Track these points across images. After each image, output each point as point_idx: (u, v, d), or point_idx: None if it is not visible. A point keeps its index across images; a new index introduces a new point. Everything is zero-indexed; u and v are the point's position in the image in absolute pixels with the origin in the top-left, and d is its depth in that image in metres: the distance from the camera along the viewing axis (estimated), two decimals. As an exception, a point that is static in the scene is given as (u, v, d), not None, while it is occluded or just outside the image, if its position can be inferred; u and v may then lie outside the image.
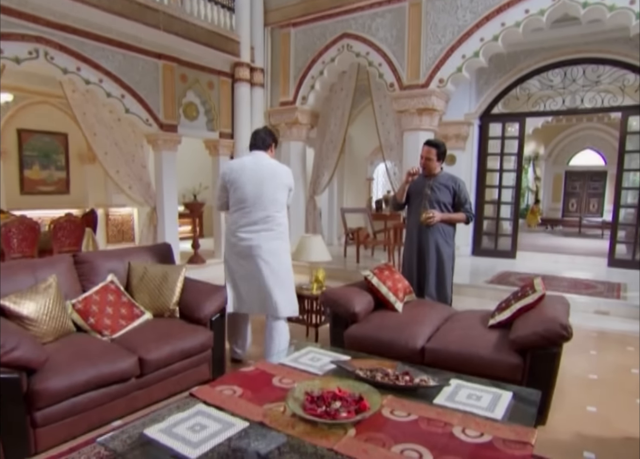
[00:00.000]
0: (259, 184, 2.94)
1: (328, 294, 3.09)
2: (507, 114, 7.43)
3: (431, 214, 3.44)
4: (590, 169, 14.77)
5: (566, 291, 5.21)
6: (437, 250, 3.53)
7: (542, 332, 2.39)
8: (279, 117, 6.91)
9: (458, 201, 3.54)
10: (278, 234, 3.05)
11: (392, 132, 6.61)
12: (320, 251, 3.66)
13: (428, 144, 3.58)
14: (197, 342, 2.88)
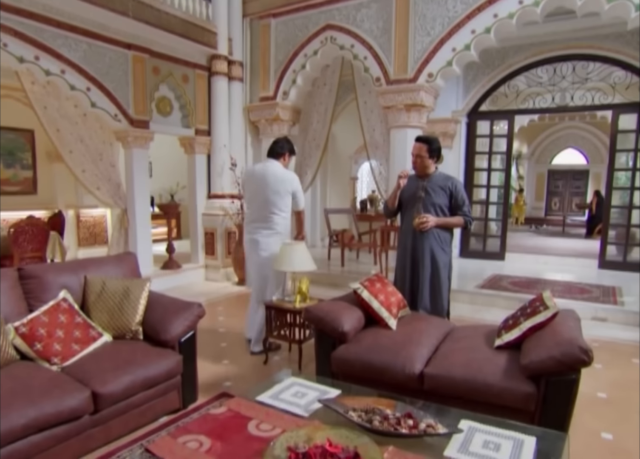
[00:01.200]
0: (261, 188, 3.42)
1: (312, 310, 2.73)
2: (495, 111, 7.20)
3: (424, 219, 3.12)
4: (572, 167, 14.79)
5: (561, 296, 4.98)
6: (432, 258, 3.21)
7: (559, 357, 2.09)
8: (258, 113, 6.52)
9: (455, 203, 3.23)
10: (275, 231, 3.49)
11: (377, 129, 6.29)
12: (303, 259, 3.31)
13: (419, 140, 3.26)
14: (164, 368, 2.50)
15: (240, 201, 6.16)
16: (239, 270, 6.19)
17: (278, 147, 3.54)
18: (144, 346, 2.58)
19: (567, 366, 2.08)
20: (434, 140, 3.28)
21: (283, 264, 3.28)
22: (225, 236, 6.41)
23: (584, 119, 13.20)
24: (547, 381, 2.13)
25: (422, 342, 2.58)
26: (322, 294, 5.60)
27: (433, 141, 3.27)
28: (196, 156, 6.36)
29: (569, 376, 2.11)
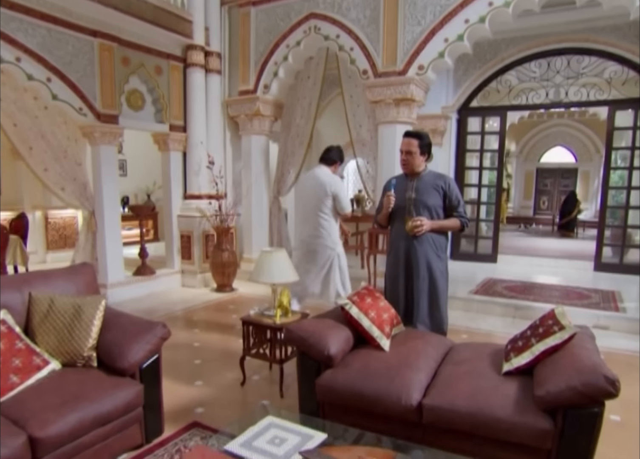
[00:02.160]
0: (305, 190, 3.77)
1: (294, 330, 2.41)
2: (487, 107, 6.96)
3: (418, 222, 2.83)
4: (561, 166, 14.73)
5: (560, 302, 4.76)
6: (428, 266, 2.92)
7: (581, 388, 1.81)
8: (238, 107, 6.18)
9: (449, 204, 2.95)
10: (319, 233, 3.71)
11: (364, 125, 5.99)
12: (284, 269, 2.99)
13: (409, 135, 2.97)
14: (121, 401, 2.16)
15: (218, 202, 5.83)
16: (218, 275, 5.86)
17: (331, 154, 3.80)
18: (98, 376, 2.23)
19: (590, 398, 1.81)
20: (425, 135, 3.00)
21: (261, 275, 2.96)
22: (202, 239, 6.06)
23: (572, 116, 13.12)
24: (565, 415, 1.86)
25: (419, 365, 2.29)
26: (306, 302, 5.36)
27: (424, 135, 2.99)
28: (171, 153, 5.99)
29: (591, 409, 1.84)
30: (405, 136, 2.99)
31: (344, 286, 3.91)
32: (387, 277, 3.09)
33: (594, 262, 6.43)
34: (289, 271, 3.02)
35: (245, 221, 6.45)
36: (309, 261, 3.81)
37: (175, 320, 4.73)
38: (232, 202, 6.08)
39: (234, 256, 5.98)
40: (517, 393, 2.01)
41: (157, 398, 2.42)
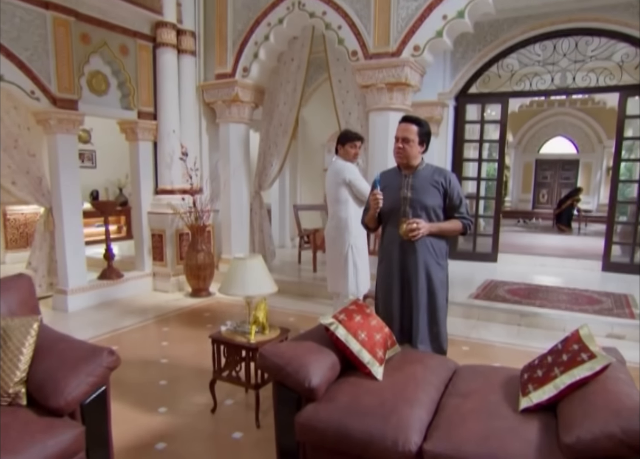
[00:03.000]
0: (328, 185, 3.72)
1: (269, 357, 2.09)
2: (487, 93, 6.68)
3: (415, 225, 2.51)
4: (561, 157, 14.56)
5: (569, 308, 4.53)
6: (427, 276, 2.61)
7: (621, 435, 1.51)
8: (214, 93, 5.80)
9: (449, 204, 2.64)
10: (335, 224, 3.68)
11: (354, 113, 5.68)
12: (260, 279, 2.66)
13: (407, 120, 2.64)
14: (52, 451, 1.81)
15: (192, 197, 5.48)
16: (192, 279, 5.52)
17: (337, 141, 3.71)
18: (26, 418, 1.89)
19: (633, 449, 1.51)
20: (425, 122, 2.68)
21: (232, 286, 2.62)
22: (176, 239, 5.71)
23: (574, 104, 12.92)
24: (599, 466, 1.56)
25: (419, 399, 1.98)
26: (289, 309, 5.03)
27: (424, 122, 2.67)
28: (140, 143, 5.60)
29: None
30: (403, 121, 2.66)
31: (358, 286, 3.69)
32: (379, 289, 2.78)
33: (602, 261, 6.23)
34: (266, 282, 2.69)
35: (223, 218, 6.11)
36: (328, 254, 3.85)
37: (142, 331, 4.38)
38: (209, 198, 5.74)
39: (211, 257, 5.64)
40: (538, 436, 1.71)
41: (104, 439, 2.09)
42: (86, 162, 8.79)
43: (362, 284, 3.69)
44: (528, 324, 4.43)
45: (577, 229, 10.82)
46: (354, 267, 3.63)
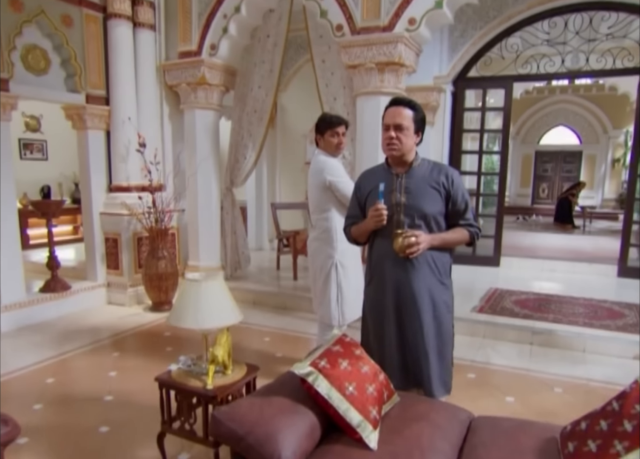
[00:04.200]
0: (308, 186, 3.21)
1: (224, 421, 1.63)
2: (489, 77, 6.28)
3: (413, 239, 2.06)
4: (563, 148, 14.36)
5: (588, 324, 4.17)
6: (431, 300, 2.18)
7: None
8: (178, 74, 5.30)
9: (453, 209, 2.21)
10: (317, 235, 3.17)
11: (339, 98, 5.21)
12: (221, 307, 2.21)
13: (399, 102, 2.19)
14: None
15: (152, 196, 4.98)
16: (153, 291, 5.04)
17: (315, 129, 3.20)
18: None
19: None
20: (420, 106, 2.22)
21: (184, 316, 2.16)
22: (133, 244, 5.22)
23: (577, 91, 12.68)
24: None
25: (428, 478, 1.54)
26: (265, 326, 4.56)
27: (419, 106, 2.21)
28: (89, 132, 5.07)
29: None
30: (394, 104, 2.20)
31: (343, 313, 3.16)
32: (368, 317, 2.34)
33: (617, 266, 5.91)
34: (228, 310, 2.23)
35: (190, 219, 5.64)
36: (310, 268, 3.30)
37: (88, 357, 3.88)
38: (172, 196, 5.26)
39: (174, 264, 5.16)
40: None
41: None
42: (35, 153, 8.20)
43: (349, 311, 3.17)
44: (542, 342, 4.06)
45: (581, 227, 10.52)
46: (337, 290, 3.12)
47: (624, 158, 12.81)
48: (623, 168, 12.88)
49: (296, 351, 3.95)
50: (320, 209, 3.11)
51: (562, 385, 3.34)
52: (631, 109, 12.49)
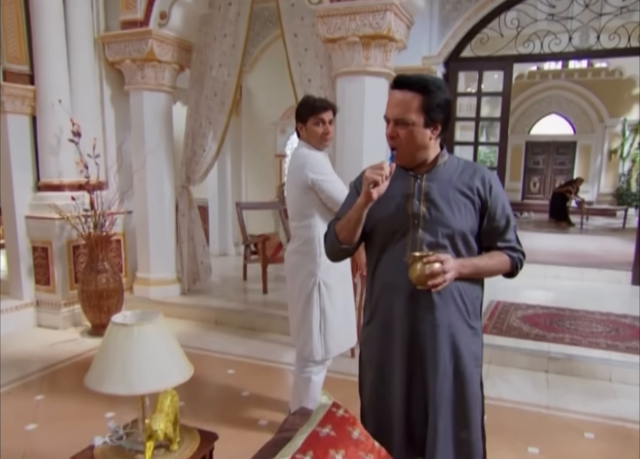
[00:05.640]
0: (288, 187, 2.85)
1: None
2: (485, 57, 5.93)
3: (438, 266, 1.57)
4: (556, 139, 14.37)
5: (612, 346, 3.94)
6: (453, 349, 1.74)
7: None
8: (120, 48, 4.78)
9: (490, 226, 1.73)
10: (298, 247, 2.77)
11: (315, 79, 4.83)
12: (163, 361, 1.70)
13: (402, 84, 1.65)
14: None
15: (90, 195, 4.46)
16: (92, 311, 4.55)
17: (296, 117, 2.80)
18: None
19: None
20: (436, 82, 1.69)
21: (105, 378, 1.64)
22: (68, 254, 4.74)
23: (571, 76, 12.58)
24: None
25: None
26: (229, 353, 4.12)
27: (433, 84, 1.65)
28: (9, 117, 4.51)
29: None
30: (396, 87, 1.68)
31: (327, 345, 2.69)
32: (367, 369, 1.87)
33: (632, 272, 5.73)
34: (173, 364, 1.72)
35: (138, 222, 5.18)
36: (288, 287, 2.86)
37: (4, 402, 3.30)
38: (116, 195, 4.77)
39: (118, 278, 4.63)
40: None
41: None
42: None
43: (335, 343, 2.71)
44: (559, 370, 3.70)
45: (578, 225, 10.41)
46: (320, 316, 2.65)
47: (622, 149, 12.79)
48: (620, 160, 12.86)
49: (267, 386, 3.52)
50: (301, 215, 2.70)
51: (592, 428, 2.96)
52: (629, 95, 12.50)
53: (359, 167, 4.06)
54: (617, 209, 11.58)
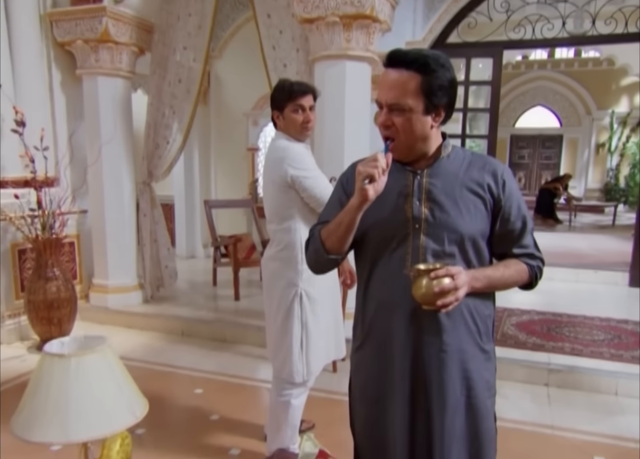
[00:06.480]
0: (264, 183, 2.68)
1: None
2: (473, 43, 5.82)
3: (448, 281, 1.35)
4: (542, 132, 14.48)
5: (616, 356, 3.82)
6: (464, 377, 1.53)
7: None
8: (71, 27, 4.49)
9: (503, 229, 1.53)
10: (277, 253, 2.56)
11: (291, 64, 4.64)
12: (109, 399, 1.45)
13: (395, 60, 1.39)
14: None
15: (37, 193, 4.23)
16: (40, 323, 4.28)
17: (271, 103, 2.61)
18: None
19: None
20: (438, 58, 1.45)
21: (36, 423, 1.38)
22: (12, 259, 4.47)
23: (557, 66, 12.65)
24: None
25: None
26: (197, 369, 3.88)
27: (435, 61, 1.40)
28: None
29: None
30: (390, 65, 1.44)
31: (308, 364, 2.47)
32: (359, 401, 1.65)
33: (629, 274, 5.69)
34: (122, 402, 1.47)
35: (94, 223, 4.96)
36: (265, 297, 2.65)
37: None
38: (68, 193, 4.50)
39: (70, 286, 4.36)
40: None
41: None
42: None
43: (317, 361, 2.50)
44: (560, 383, 3.56)
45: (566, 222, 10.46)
46: (302, 332, 2.42)
47: (609, 143, 12.90)
48: (608, 154, 12.97)
49: (240, 408, 3.28)
50: (280, 217, 2.49)
51: (602, 450, 2.80)
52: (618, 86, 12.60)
53: (340, 162, 3.92)
54: (606, 205, 11.68)
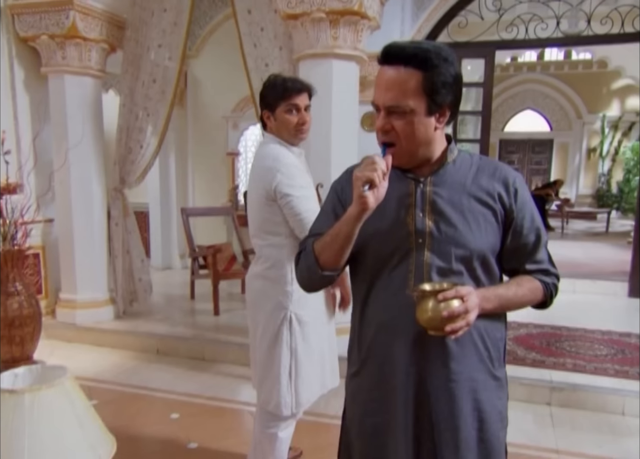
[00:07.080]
0: (249, 194, 2.52)
1: None
2: (464, 43, 5.86)
3: (458, 304, 1.25)
4: (531, 136, 14.65)
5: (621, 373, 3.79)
6: (475, 409, 1.43)
7: None
8: (35, 21, 4.37)
9: (516, 242, 1.43)
10: (263, 271, 2.41)
11: (273, 63, 4.56)
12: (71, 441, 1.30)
13: (391, 57, 1.31)
14: None
15: None
16: (2, 342, 4.08)
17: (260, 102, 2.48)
18: None
19: None
20: (438, 54, 1.34)
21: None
22: None
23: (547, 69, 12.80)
24: None
25: None
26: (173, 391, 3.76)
27: (437, 55, 1.30)
28: None
29: None
30: (386, 61, 1.33)
31: (297, 394, 2.33)
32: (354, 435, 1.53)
33: (628, 284, 5.69)
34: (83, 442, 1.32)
35: (62, 233, 4.81)
36: (249, 319, 2.52)
37: None
38: (33, 200, 4.37)
39: (34, 302, 4.19)
40: None
41: None
42: None
43: (307, 391, 2.35)
44: (563, 402, 3.48)
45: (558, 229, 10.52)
46: (291, 360, 2.27)
47: (601, 147, 13.06)
48: (600, 159, 13.12)
49: (220, 434, 3.14)
50: (265, 231, 2.35)
51: (612, 477, 2.71)
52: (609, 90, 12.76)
53: (327, 167, 3.82)
54: (598, 211, 11.79)
